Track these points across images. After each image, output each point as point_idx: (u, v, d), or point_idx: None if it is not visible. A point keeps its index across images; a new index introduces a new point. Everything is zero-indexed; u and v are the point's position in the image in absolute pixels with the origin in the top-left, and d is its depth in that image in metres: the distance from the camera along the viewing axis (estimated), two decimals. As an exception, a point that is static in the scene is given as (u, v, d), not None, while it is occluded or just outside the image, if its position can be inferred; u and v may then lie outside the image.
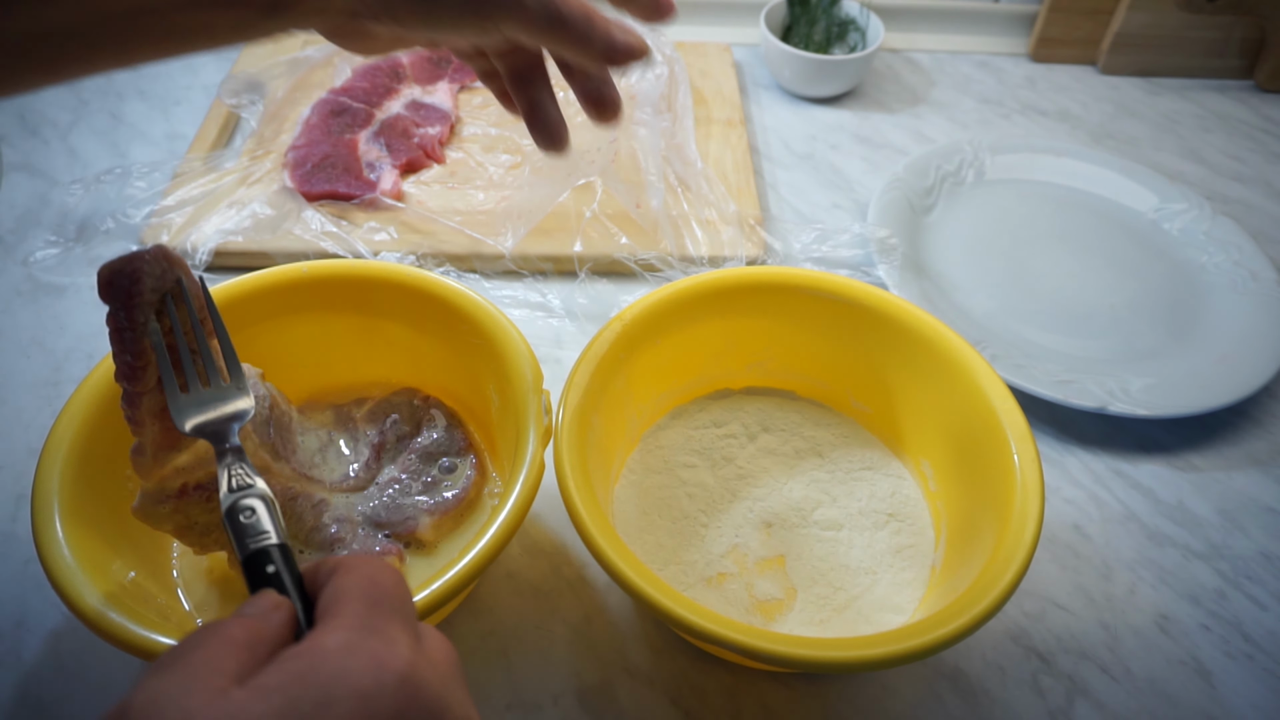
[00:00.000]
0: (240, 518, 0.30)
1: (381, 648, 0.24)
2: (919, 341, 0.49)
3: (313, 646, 0.24)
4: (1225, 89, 0.90)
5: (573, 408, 0.44)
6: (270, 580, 0.28)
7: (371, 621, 0.25)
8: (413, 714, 0.23)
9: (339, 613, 0.25)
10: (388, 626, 0.25)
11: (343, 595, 0.26)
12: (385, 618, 0.25)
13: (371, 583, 0.27)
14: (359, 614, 0.25)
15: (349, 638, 0.24)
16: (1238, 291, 0.67)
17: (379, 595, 0.26)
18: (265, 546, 0.30)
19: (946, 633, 0.36)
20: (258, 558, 0.29)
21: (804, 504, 0.50)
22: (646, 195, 0.69)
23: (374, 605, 0.26)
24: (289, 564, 0.29)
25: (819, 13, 0.86)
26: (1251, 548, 0.53)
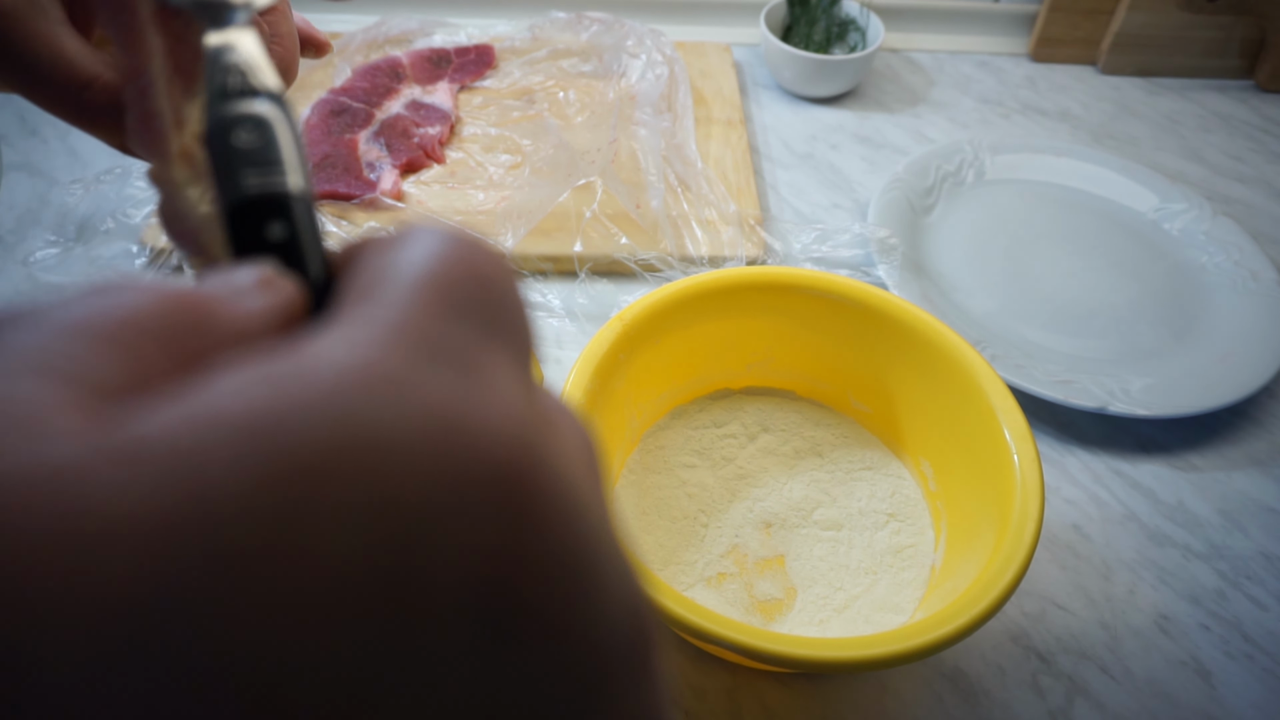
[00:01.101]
0: (236, 136, 0.17)
1: (459, 395, 0.11)
2: (919, 341, 0.49)
3: (298, 362, 0.11)
4: (1225, 89, 0.90)
5: (573, 408, 0.44)
6: (273, 254, 0.16)
7: (445, 330, 0.12)
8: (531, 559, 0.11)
9: (376, 300, 0.13)
10: (481, 348, 0.12)
11: (395, 271, 0.13)
12: (477, 329, 0.13)
13: (459, 257, 0.14)
14: (418, 308, 0.12)
15: (381, 356, 0.11)
16: (1238, 291, 0.67)
17: (471, 285, 0.13)
18: (273, 192, 0.16)
19: (946, 633, 0.36)
20: (255, 212, 0.16)
21: (804, 504, 0.50)
22: (646, 195, 0.69)
23: (455, 300, 0.13)
24: (312, 230, 0.16)
25: (819, 13, 0.86)
26: (1251, 548, 0.53)
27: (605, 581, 0.12)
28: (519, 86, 0.81)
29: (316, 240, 0.16)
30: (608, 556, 0.12)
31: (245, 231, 0.16)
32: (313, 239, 0.16)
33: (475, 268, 0.14)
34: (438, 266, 0.13)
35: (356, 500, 0.10)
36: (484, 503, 0.11)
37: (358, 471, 0.10)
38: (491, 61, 0.82)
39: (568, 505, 0.12)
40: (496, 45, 0.84)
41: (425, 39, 0.84)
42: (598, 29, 0.85)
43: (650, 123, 0.74)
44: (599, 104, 0.79)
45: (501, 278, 0.15)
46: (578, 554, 0.12)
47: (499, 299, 0.14)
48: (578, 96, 0.80)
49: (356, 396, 0.10)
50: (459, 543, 0.10)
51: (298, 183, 0.17)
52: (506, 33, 0.86)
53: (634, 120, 0.75)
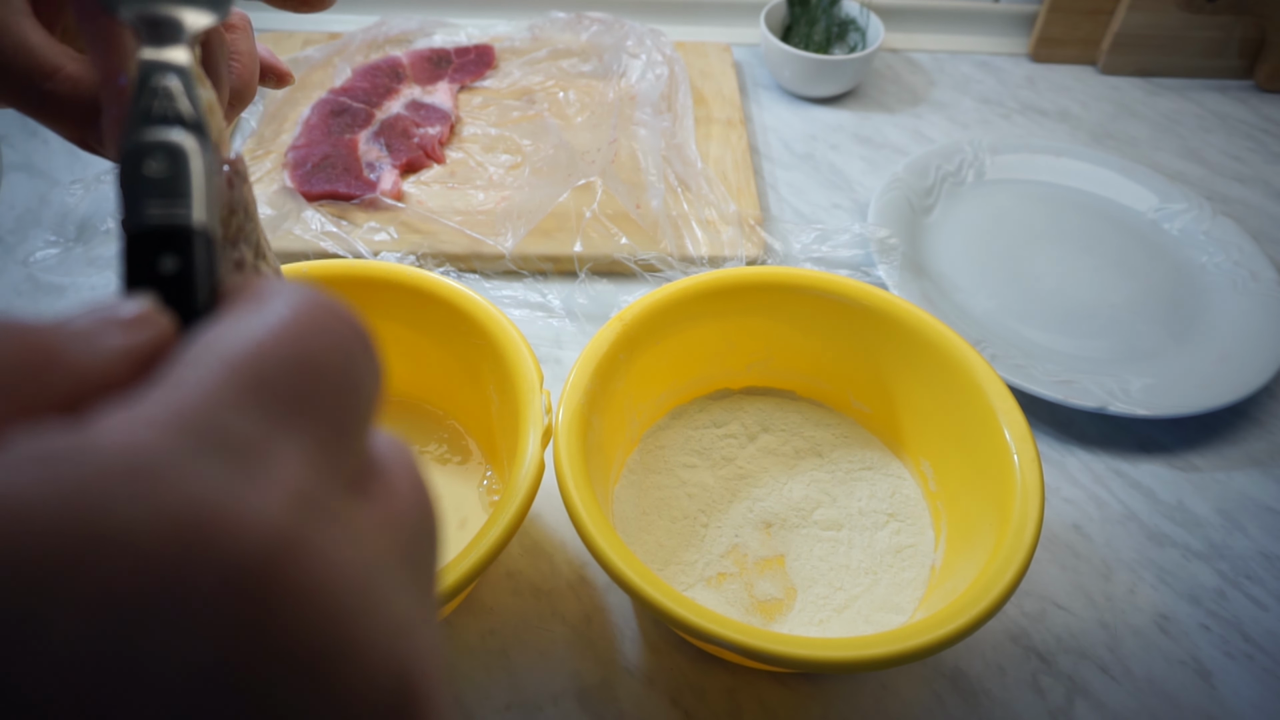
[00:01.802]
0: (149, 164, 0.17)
1: (222, 486, 0.12)
2: (919, 341, 0.49)
3: (74, 445, 0.11)
4: (1225, 89, 0.90)
5: (573, 408, 0.44)
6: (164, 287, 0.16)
7: (230, 420, 0.12)
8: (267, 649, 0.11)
9: (173, 385, 0.13)
10: (270, 437, 0.13)
11: (213, 348, 0.13)
12: (274, 418, 0.13)
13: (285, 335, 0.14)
14: (212, 396, 0.12)
15: (154, 444, 0.11)
16: (1238, 291, 0.67)
17: (283, 367, 0.13)
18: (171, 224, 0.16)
19: (946, 633, 0.36)
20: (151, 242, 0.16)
21: (804, 504, 0.50)
22: (646, 195, 0.69)
23: (258, 386, 0.13)
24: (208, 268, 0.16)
25: (819, 13, 0.86)
26: (1251, 548, 0.53)
27: (361, 653, 0.12)
28: (519, 86, 0.81)
29: (209, 278, 0.16)
30: (370, 629, 0.12)
31: (141, 261, 0.16)
32: (205, 276, 0.16)
33: (299, 348, 0.14)
34: (254, 348, 0.13)
35: (85, 591, 0.10)
36: (219, 593, 0.11)
37: (88, 564, 0.10)
38: (491, 61, 0.82)
39: (321, 592, 0.12)
40: (496, 45, 0.84)
41: (425, 39, 0.84)
42: (598, 29, 0.85)
43: (650, 123, 0.74)
44: (599, 104, 0.79)
45: (330, 360, 0.14)
46: (324, 635, 0.12)
47: (317, 382, 0.14)
48: (578, 96, 0.80)
49: (111, 486, 0.11)
50: (190, 629, 0.11)
51: (200, 217, 0.17)
52: (506, 33, 0.86)
53: (634, 120, 0.75)
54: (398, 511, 0.15)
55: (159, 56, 0.19)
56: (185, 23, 0.21)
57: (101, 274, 0.64)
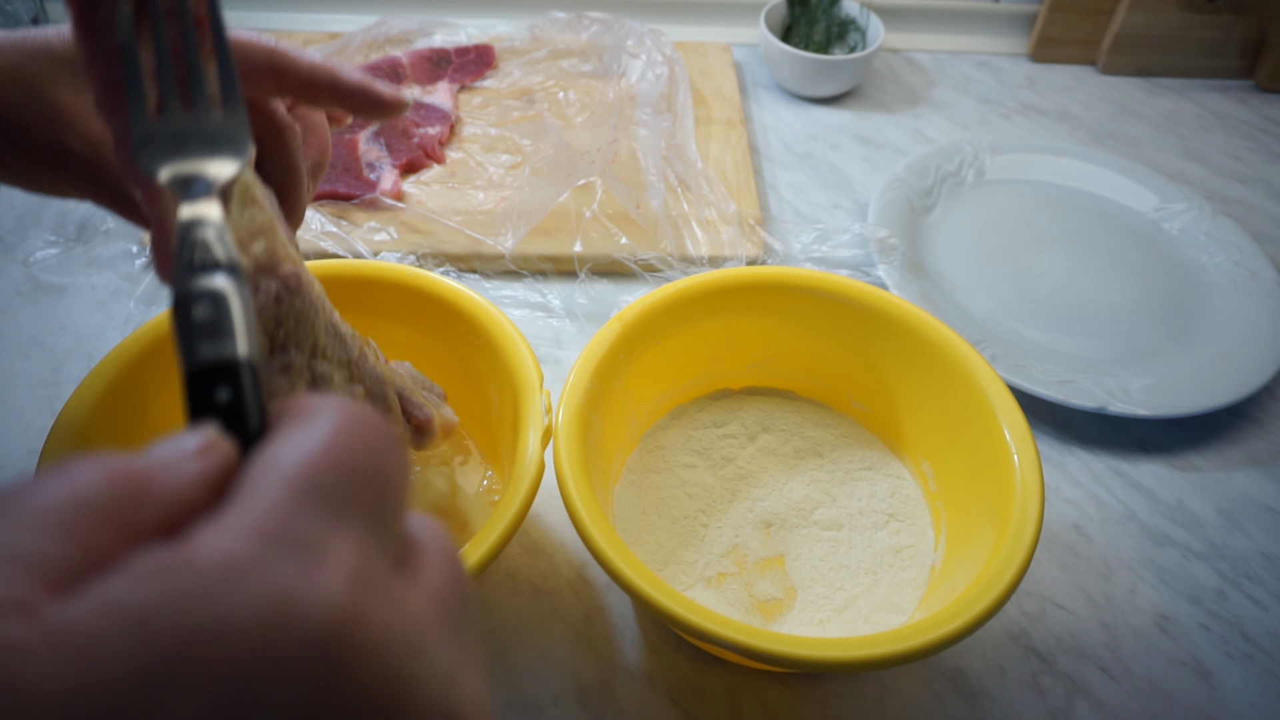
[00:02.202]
0: (195, 310, 0.20)
1: (295, 577, 0.15)
2: (919, 341, 0.49)
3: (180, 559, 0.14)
4: (1225, 89, 0.90)
5: (573, 408, 0.44)
6: (220, 415, 0.19)
7: (297, 524, 0.16)
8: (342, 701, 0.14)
9: (250, 500, 0.16)
10: (327, 535, 0.16)
11: (276, 465, 0.17)
12: (328, 518, 0.16)
13: (332, 448, 0.17)
14: (281, 507, 0.16)
15: (243, 551, 0.15)
16: (1238, 291, 0.67)
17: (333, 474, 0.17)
18: (223, 360, 0.19)
19: (946, 633, 0.36)
20: (209, 377, 0.19)
21: (804, 504, 0.50)
22: (646, 195, 0.69)
23: (315, 494, 0.16)
24: (256, 394, 0.19)
25: (819, 13, 0.86)
26: (1251, 548, 0.53)
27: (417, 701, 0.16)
28: (519, 86, 0.81)
29: (258, 400, 0.19)
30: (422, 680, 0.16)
31: (201, 394, 0.19)
32: (254, 399, 0.19)
33: (345, 455, 0.17)
34: (306, 463, 0.17)
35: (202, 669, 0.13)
36: (301, 659, 0.14)
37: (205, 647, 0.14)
38: (491, 61, 0.82)
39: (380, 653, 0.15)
40: (496, 45, 0.84)
41: (425, 39, 0.84)
42: (598, 29, 0.85)
43: (650, 123, 0.74)
44: (599, 104, 0.79)
45: (372, 458, 0.18)
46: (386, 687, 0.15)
47: (363, 479, 0.17)
48: (578, 96, 0.80)
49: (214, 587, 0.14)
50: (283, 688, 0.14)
51: (243, 350, 0.20)
52: (506, 33, 0.86)
53: (634, 120, 0.75)
54: (436, 581, 0.18)
55: (194, 213, 0.22)
56: (212, 177, 0.25)
57: (101, 274, 0.64)
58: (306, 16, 0.90)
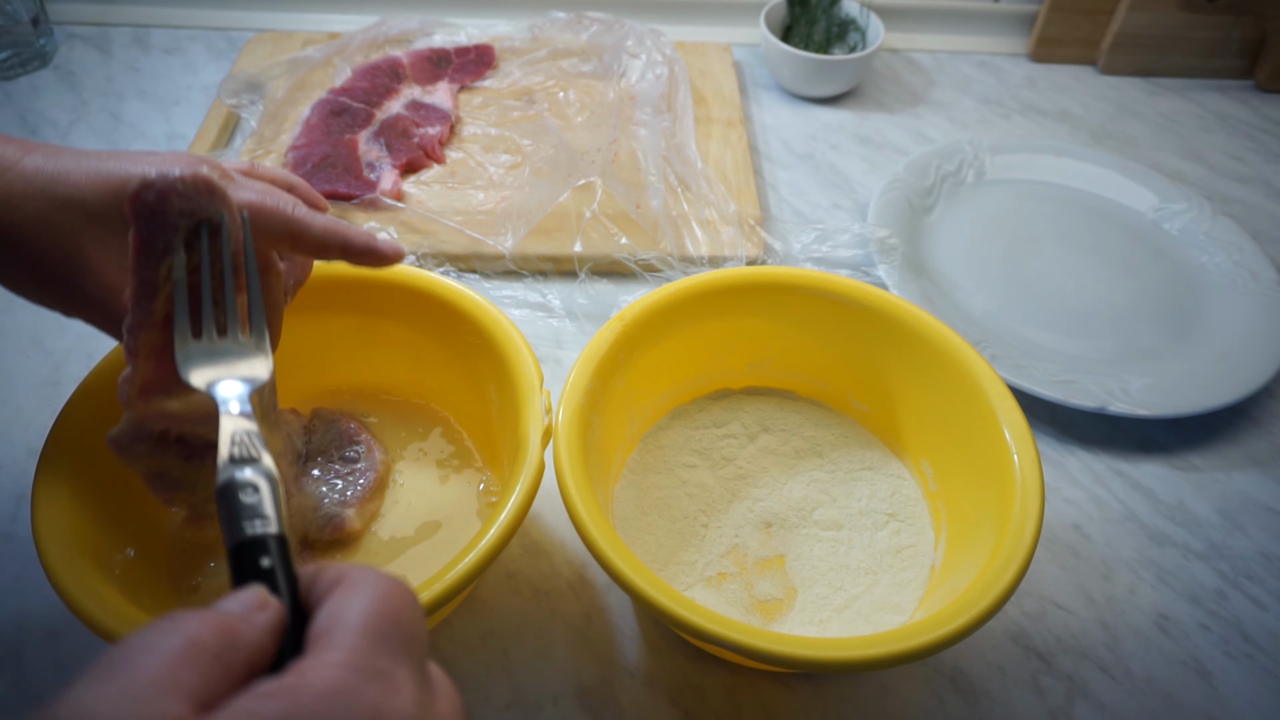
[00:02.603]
0: (240, 496, 0.26)
1: (383, 697, 0.20)
2: (919, 341, 0.49)
3: (298, 683, 0.20)
4: (1225, 89, 0.90)
5: (573, 408, 0.44)
6: (263, 578, 0.24)
7: (375, 660, 0.21)
8: None
9: (337, 642, 0.21)
10: (394, 668, 0.21)
11: (345, 618, 0.22)
12: (393, 656, 0.21)
13: (383, 606, 0.22)
14: (362, 648, 0.21)
15: (345, 679, 0.20)
16: (1238, 291, 0.67)
17: (389, 625, 0.22)
18: (263, 535, 0.25)
19: (946, 633, 0.36)
20: (252, 548, 0.25)
21: (804, 504, 0.50)
22: (646, 195, 0.69)
23: (381, 638, 0.22)
24: (286, 561, 0.25)
25: (819, 13, 0.86)
26: (1251, 548, 0.53)
27: None
28: (519, 86, 0.81)
29: (290, 568, 0.25)
30: None
31: (246, 561, 0.24)
32: (288, 568, 0.24)
33: (394, 611, 0.23)
34: (369, 617, 0.22)
35: None
36: None
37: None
38: (491, 61, 0.82)
39: None
40: (496, 45, 0.84)
41: (425, 39, 0.84)
42: (598, 29, 0.85)
43: (650, 123, 0.74)
44: (599, 104, 0.79)
45: (410, 614, 0.23)
46: None
47: (407, 629, 0.23)
48: (578, 96, 0.80)
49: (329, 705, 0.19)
50: None
51: (278, 529, 0.25)
52: (506, 33, 0.86)
53: (634, 120, 0.75)
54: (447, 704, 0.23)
55: (235, 425, 0.29)
56: (245, 387, 0.32)
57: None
58: (306, 16, 0.90)
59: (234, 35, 0.88)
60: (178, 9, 0.89)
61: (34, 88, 0.80)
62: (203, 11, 0.89)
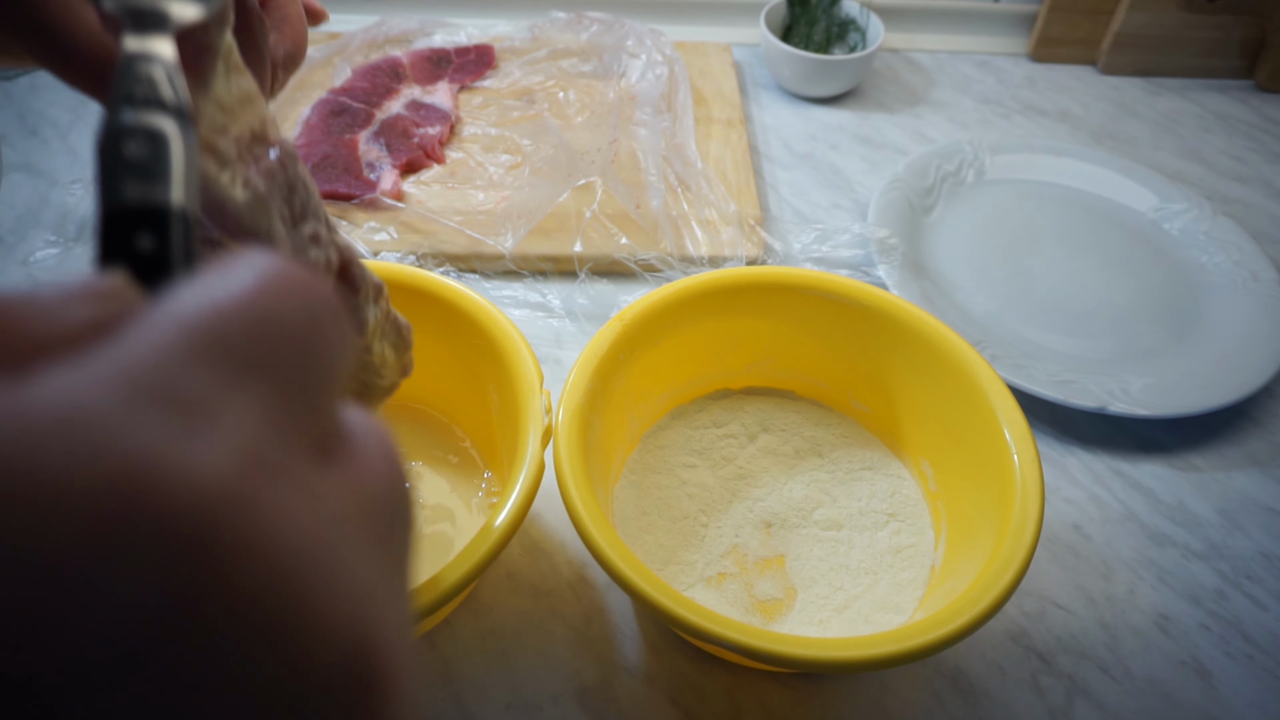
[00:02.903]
0: (128, 146, 0.17)
1: (165, 439, 0.11)
2: (919, 341, 0.49)
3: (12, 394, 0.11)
4: (1225, 89, 0.90)
5: (573, 408, 0.44)
6: (138, 265, 0.16)
7: (178, 375, 0.12)
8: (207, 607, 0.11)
9: (122, 340, 0.12)
10: (219, 395, 0.12)
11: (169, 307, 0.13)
12: (227, 373, 0.12)
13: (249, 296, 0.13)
14: (160, 352, 0.12)
15: (95, 396, 0.11)
16: (1238, 291, 0.67)
17: (247, 327, 0.13)
18: (153, 204, 0.16)
19: (946, 633, 0.36)
20: (130, 221, 0.16)
21: (804, 504, 0.50)
22: (646, 195, 0.69)
23: (217, 345, 0.13)
24: (186, 250, 0.16)
25: (819, 13, 0.86)
26: (1251, 548, 0.53)
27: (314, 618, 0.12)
28: (519, 86, 0.81)
29: (186, 259, 0.16)
30: (324, 592, 0.12)
31: (117, 239, 0.16)
32: (181, 257, 0.16)
33: (261, 309, 0.13)
34: (211, 307, 0.13)
35: (7, 545, 0.10)
36: (155, 547, 0.11)
37: (14, 517, 0.10)
38: (491, 61, 0.82)
39: (269, 550, 0.11)
40: (496, 45, 0.84)
41: (425, 39, 0.84)
42: (598, 29, 0.85)
43: (650, 123, 0.74)
44: (599, 104, 0.79)
45: (294, 320, 0.14)
46: (272, 594, 0.11)
47: (277, 341, 0.13)
48: (578, 96, 0.80)
49: (43, 437, 0.11)
50: (124, 584, 0.10)
51: (178, 198, 0.17)
52: (506, 33, 0.86)
53: (634, 120, 0.75)
54: (365, 482, 0.14)
55: (142, 46, 0.19)
56: (170, 14, 0.21)
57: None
58: (306, 16, 0.90)
59: (234, 35, 0.88)
60: (178, 9, 0.89)
61: (34, 87, 0.80)
62: (203, 11, 0.89)
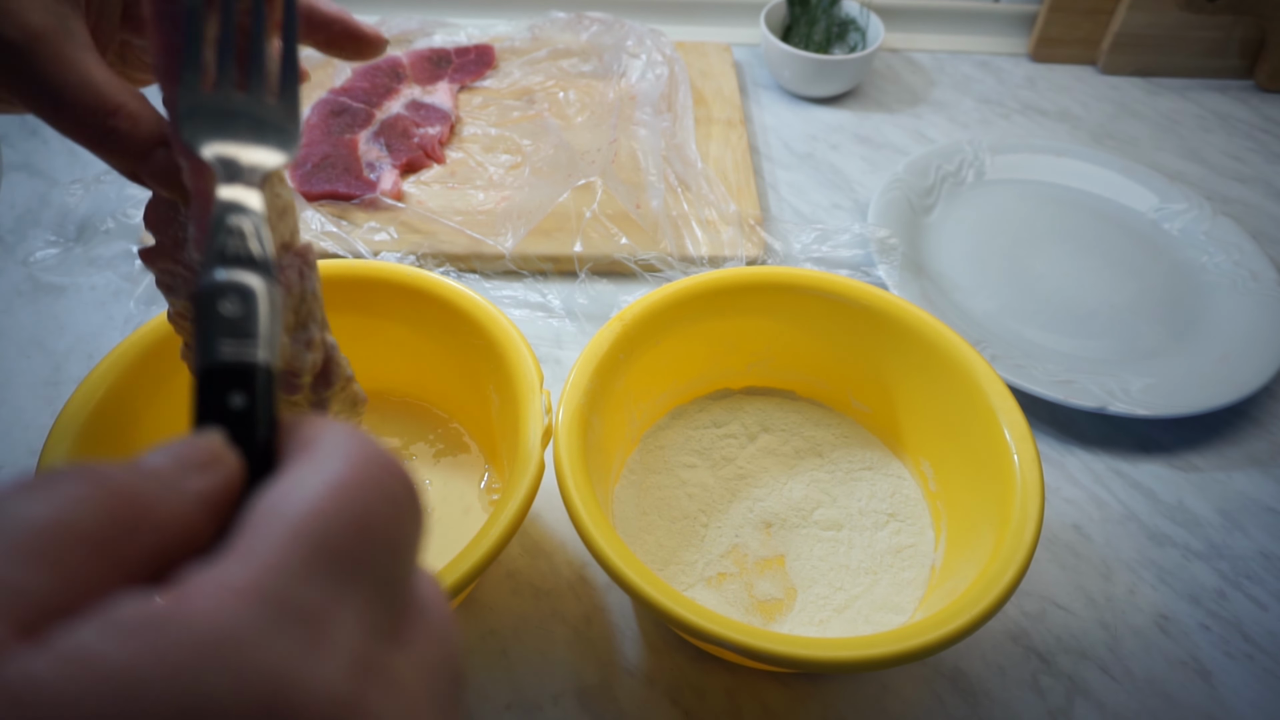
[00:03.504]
0: (223, 303, 0.18)
1: (296, 656, 0.13)
2: (919, 341, 0.49)
3: (172, 614, 0.12)
4: (1225, 89, 0.90)
5: (573, 408, 0.44)
6: (229, 422, 0.17)
7: (302, 590, 0.13)
8: None
9: (253, 551, 0.14)
10: (331, 607, 0.14)
11: (281, 510, 0.14)
12: (335, 585, 0.14)
13: (344, 499, 0.15)
14: (287, 566, 0.14)
15: (239, 615, 0.13)
16: (1238, 291, 0.67)
17: (346, 531, 0.15)
18: (245, 362, 0.17)
19: (946, 633, 0.36)
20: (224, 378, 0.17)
21: (804, 504, 0.50)
22: (646, 195, 0.69)
23: (324, 554, 0.14)
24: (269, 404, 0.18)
25: (819, 13, 0.86)
26: (1251, 548, 0.53)
27: None
28: (519, 86, 0.81)
29: (270, 411, 0.18)
30: None
31: (211, 396, 0.17)
32: (266, 411, 0.18)
33: (355, 509, 0.15)
34: (315, 512, 0.14)
35: None
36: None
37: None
38: (491, 61, 0.82)
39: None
40: (496, 45, 0.84)
41: (425, 39, 0.84)
42: (598, 29, 0.85)
43: (650, 123, 0.74)
44: (599, 104, 0.79)
45: (386, 513, 0.16)
46: None
47: (371, 542, 0.15)
48: (578, 96, 0.80)
49: (205, 657, 0.12)
50: None
51: (265, 356, 0.18)
52: (506, 33, 0.86)
53: (634, 120, 0.75)
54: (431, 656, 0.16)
55: (236, 197, 0.21)
56: (261, 166, 0.23)
57: (101, 274, 0.64)
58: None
59: (234, 35, 0.88)
60: (178, 9, 0.89)
61: (34, 88, 0.80)
62: (203, 11, 0.89)
